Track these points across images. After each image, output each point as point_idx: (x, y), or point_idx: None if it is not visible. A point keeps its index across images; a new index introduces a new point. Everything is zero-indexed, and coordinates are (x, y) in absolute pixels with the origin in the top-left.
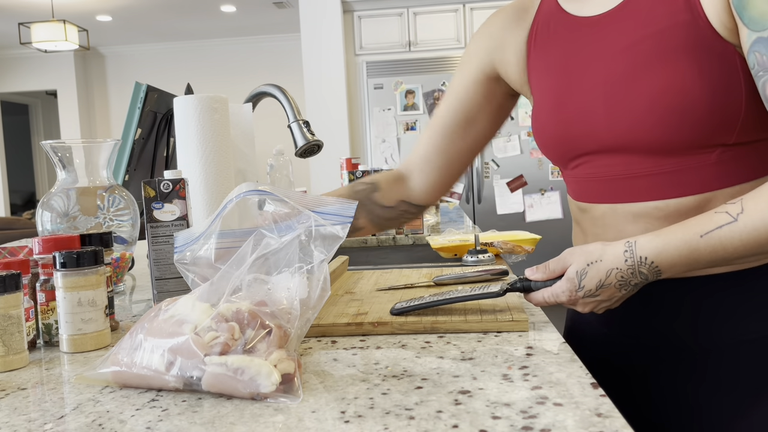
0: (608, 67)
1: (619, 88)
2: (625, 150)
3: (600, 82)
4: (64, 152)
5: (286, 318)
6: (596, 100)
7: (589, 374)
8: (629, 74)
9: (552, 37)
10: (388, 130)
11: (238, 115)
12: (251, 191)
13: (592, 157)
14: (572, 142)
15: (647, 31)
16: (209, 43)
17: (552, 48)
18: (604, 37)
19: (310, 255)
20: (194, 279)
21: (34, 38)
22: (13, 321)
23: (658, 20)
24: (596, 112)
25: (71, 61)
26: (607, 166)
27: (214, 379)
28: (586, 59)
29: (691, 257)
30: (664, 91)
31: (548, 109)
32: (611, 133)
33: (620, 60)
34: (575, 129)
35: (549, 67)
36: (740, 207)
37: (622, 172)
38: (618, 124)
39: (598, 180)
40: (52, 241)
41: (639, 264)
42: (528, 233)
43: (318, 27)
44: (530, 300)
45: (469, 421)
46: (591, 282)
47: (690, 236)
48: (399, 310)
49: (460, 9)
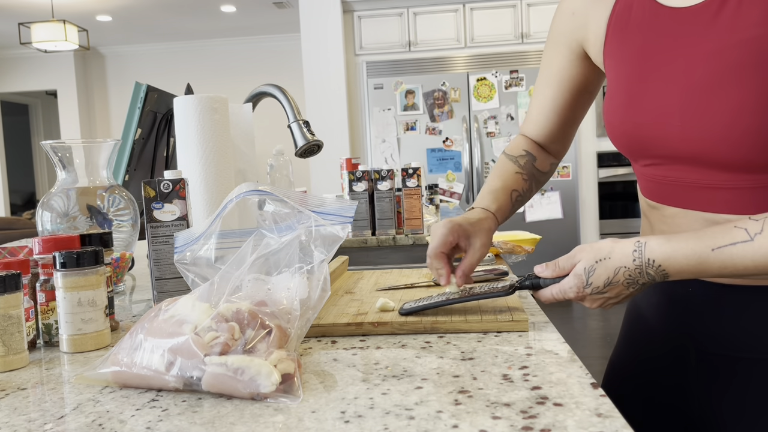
0: (688, 73)
1: (698, 100)
2: (700, 163)
3: (678, 87)
4: (64, 152)
5: (286, 318)
6: (672, 107)
7: (589, 374)
8: (710, 86)
9: (632, 22)
10: (388, 130)
11: (238, 115)
12: (251, 191)
13: (665, 161)
14: (643, 144)
15: (735, 38)
16: (209, 43)
17: (631, 34)
18: (687, 34)
19: (310, 255)
20: (194, 279)
21: (34, 38)
22: (13, 321)
23: (750, 25)
24: (671, 121)
25: (71, 61)
26: (681, 172)
27: (214, 379)
28: (666, 56)
29: (699, 268)
30: (746, 110)
31: (620, 104)
32: (686, 144)
33: (702, 67)
34: (647, 132)
35: (624, 55)
36: (761, 227)
37: (697, 182)
38: (694, 138)
39: (672, 184)
40: (52, 241)
41: (647, 265)
42: (528, 233)
43: (318, 27)
44: (539, 297)
45: (469, 421)
46: (599, 279)
47: (701, 248)
48: (408, 311)
49: (460, 9)
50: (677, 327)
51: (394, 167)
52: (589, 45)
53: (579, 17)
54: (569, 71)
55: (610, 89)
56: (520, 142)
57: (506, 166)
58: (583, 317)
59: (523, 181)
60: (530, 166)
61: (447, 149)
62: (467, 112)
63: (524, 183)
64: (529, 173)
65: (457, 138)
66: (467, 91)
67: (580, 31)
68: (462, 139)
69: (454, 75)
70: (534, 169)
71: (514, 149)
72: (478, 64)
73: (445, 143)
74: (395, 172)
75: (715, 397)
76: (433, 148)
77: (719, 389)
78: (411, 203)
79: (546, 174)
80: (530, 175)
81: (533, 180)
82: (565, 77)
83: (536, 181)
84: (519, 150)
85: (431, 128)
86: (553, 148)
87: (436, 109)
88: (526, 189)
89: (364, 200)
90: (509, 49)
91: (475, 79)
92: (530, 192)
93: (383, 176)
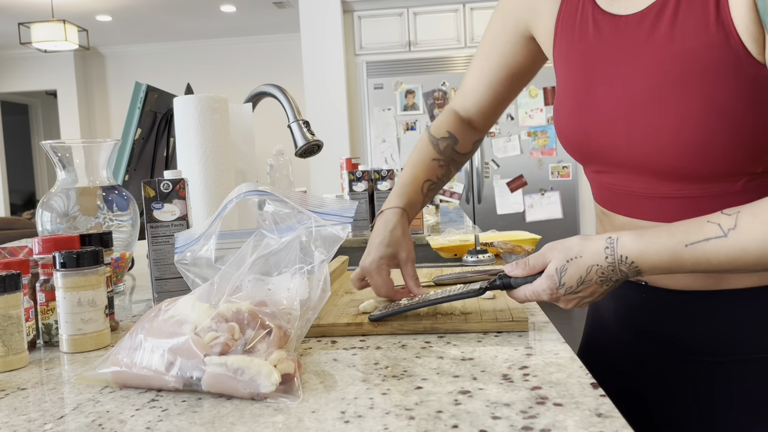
0: (630, 82)
1: (641, 110)
2: (647, 171)
3: (622, 96)
4: (64, 152)
5: (287, 318)
6: (617, 116)
7: (588, 374)
8: (653, 96)
9: (578, 27)
10: (388, 130)
11: (238, 115)
12: (251, 191)
13: (613, 168)
14: (593, 151)
15: (674, 49)
16: (209, 43)
17: (576, 40)
18: (629, 43)
19: (311, 255)
20: (194, 279)
21: (34, 38)
22: (13, 321)
23: (687, 36)
24: (616, 130)
25: (71, 61)
26: (628, 181)
27: (214, 380)
28: (610, 64)
29: (673, 264)
30: (690, 121)
31: (569, 110)
32: (632, 153)
33: (642, 77)
34: (595, 141)
35: (572, 61)
36: (734, 222)
37: (644, 191)
38: (639, 147)
39: (620, 193)
40: (52, 241)
41: (620, 262)
42: (528, 233)
43: (318, 27)
44: (513, 297)
45: (469, 421)
46: (571, 279)
47: (674, 243)
48: (378, 317)
49: (460, 9)
50: (634, 332)
51: (394, 167)
52: (538, 35)
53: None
54: (512, 50)
55: (559, 95)
56: (447, 119)
57: (425, 151)
58: (583, 317)
59: (439, 167)
60: (450, 150)
61: None
62: None
63: (440, 170)
64: (447, 158)
65: None
66: None
67: (530, 14)
68: None
69: (454, 75)
70: (453, 152)
71: (438, 129)
72: None
73: None
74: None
75: (677, 401)
76: None
77: (678, 392)
78: None
79: (466, 155)
80: (448, 160)
81: (451, 163)
82: (507, 54)
83: (455, 163)
84: (442, 131)
85: None
86: (480, 124)
87: (436, 109)
88: (441, 175)
89: (364, 200)
90: None
91: None
92: (446, 177)
93: (383, 176)
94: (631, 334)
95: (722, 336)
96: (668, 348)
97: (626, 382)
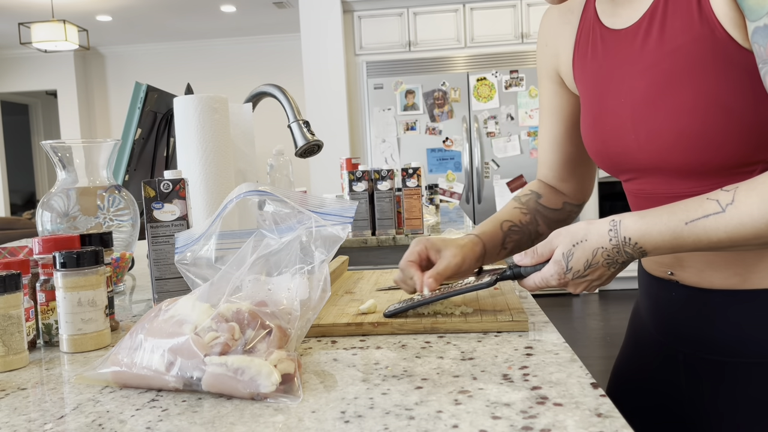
0: (632, 88)
1: (643, 113)
2: (663, 172)
3: (627, 103)
4: (64, 152)
5: (287, 318)
6: (625, 122)
7: (589, 374)
8: (651, 97)
9: (590, 47)
10: (388, 130)
11: (238, 115)
12: (251, 191)
13: (635, 174)
14: (613, 159)
15: (665, 49)
16: (209, 43)
17: (589, 57)
18: (629, 53)
19: (311, 255)
20: (194, 279)
21: (34, 38)
22: (13, 321)
23: (675, 36)
24: (627, 134)
25: (71, 61)
26: (649, 185)
27: (214, 380)
28: (615, 76)
29: (675, 242)
30: (683, 115)
31: (589, 123)
32: (644, 155)
33: (641, 81)
34: (612, 148)
35: (587, 78)
36: (732, 197)
37: (665, 193)
38: (648, 148)
39: (648, 198)
40: (52, 241)
41: (623, 244)
42: None
43: (318, 27)
44: (523, 286)
45: (469, 421)
46: (578, 263)
47: (675, 222)
48: (392, 312)
49: (460, 9)
50: (664, 331)
51: (394, 167)
52: (562, 72)
53: (551, 47)
54: (559, 102)
55: (582, 111)
56: (530, 184)
57: (507, 204)
58: (583, 317)
59: (522, 214)
60: (533, 203)
61: (447, 149)
62: (467, 112)
63: (522, 216)
64: (530, 208)
65: (457, 138)
66: (467, 91)
67: (555, 59)
68: (462, 139)
69: (454, 75)
70: (537, 204)
71: (521, 191)
72: (478, 64)
73: (445, 143)
74: (395, 172)
75: (706, 401)
76: (433, 148)
77: (709, 393)
78: (411, 203)
79: (557, 211)
80: (531, 210)
81: (536, 214)
82: (555, 108)
83: (541, 215)
84: (525, 190)
85: (431, 128)
86: (565, 188)
87: (436, 109)
88: (525, 221)
89: (364, 200)
90: (509, 49)
91: (475, 79)
92: (531, 224)
93: (383, 176)
94: (661, 331)
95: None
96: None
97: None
